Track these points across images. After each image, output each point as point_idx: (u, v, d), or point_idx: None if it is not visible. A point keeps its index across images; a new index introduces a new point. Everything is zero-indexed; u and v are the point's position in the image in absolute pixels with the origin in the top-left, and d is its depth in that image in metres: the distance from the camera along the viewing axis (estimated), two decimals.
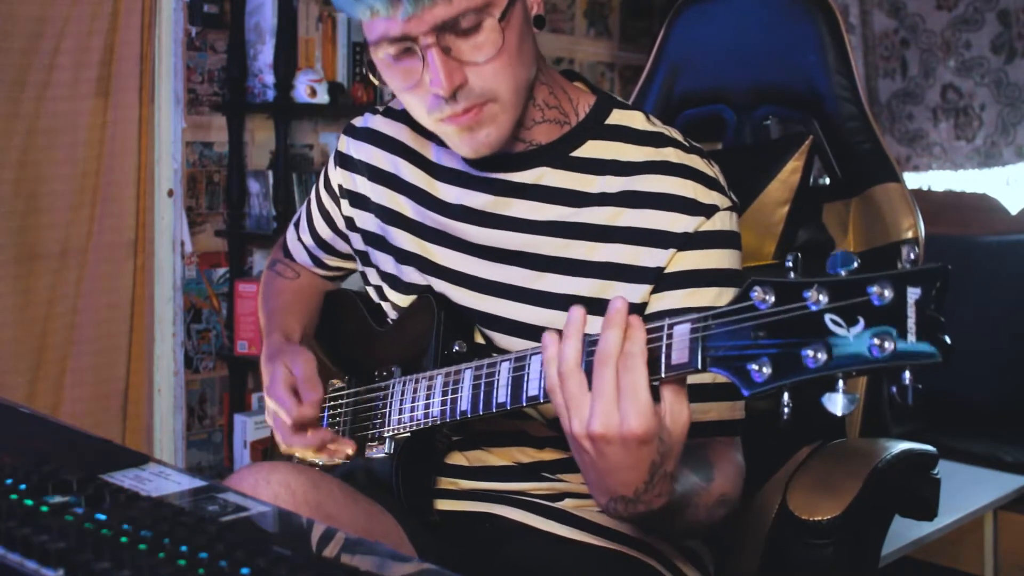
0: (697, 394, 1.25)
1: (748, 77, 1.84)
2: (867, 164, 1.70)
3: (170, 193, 3.17)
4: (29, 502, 0.86)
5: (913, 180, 4.00)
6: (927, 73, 4.00)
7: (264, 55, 3.26)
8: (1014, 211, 3.63)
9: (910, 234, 1.63)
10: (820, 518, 1.39)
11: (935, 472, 1.57)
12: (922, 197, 3.72)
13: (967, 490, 2.72)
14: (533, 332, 1.27)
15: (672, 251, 1.23)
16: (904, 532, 2.40)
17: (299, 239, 1.60)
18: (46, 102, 2.89)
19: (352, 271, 1.61)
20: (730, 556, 1.52)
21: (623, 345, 0.95)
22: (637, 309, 1.25)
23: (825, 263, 0.85)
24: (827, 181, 1.79)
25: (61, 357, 2.97)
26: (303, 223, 1.58)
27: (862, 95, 1.72)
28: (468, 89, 1.17)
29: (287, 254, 1.63)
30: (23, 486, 0.88)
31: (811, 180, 1.75)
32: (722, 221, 1.25)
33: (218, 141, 3.30)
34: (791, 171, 1.69)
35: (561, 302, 1.26)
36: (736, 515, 1.26)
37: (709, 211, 1.24)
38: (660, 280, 1.24)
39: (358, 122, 1.47)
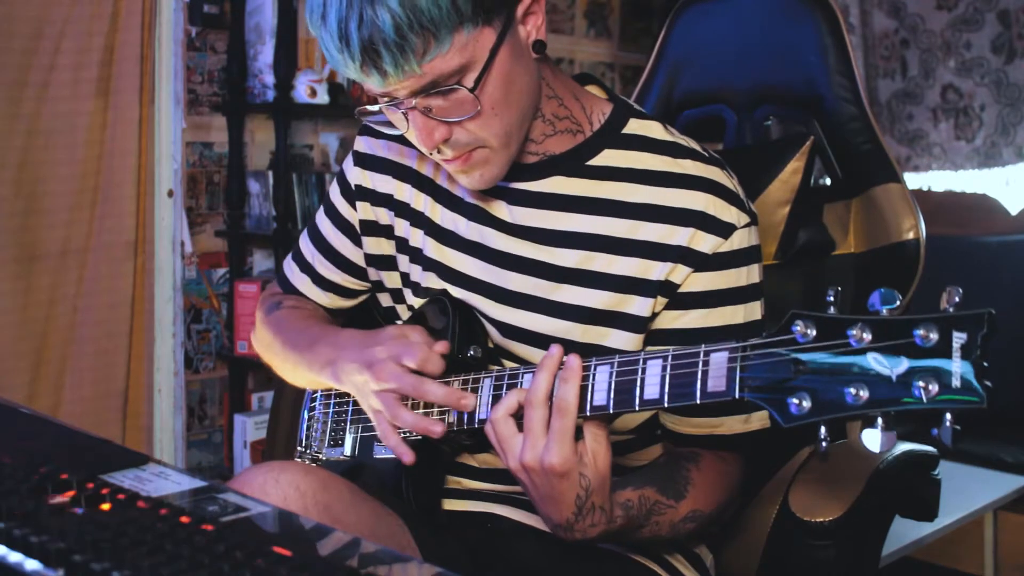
0: (709, 408, 1.25)
1: (748, 77, 1.84)
2: (868, 164, 1.70)
3: (170, 193, 3.17)
4: (29, 502, 0.85)
5: (913, 180, 4.00)
6: (927, 73, 4.00)
7: (264, 55, 3.26)
8: (1014, 211, 3.63)
9: (911, 235, 1.63)
10: (822, 519, 1.39)
11: (936, 473, 1.57)
12: (922, 197, 3.72)
13: (967, 490, 2.72)
14: (545, 340, 1.26)
15: (688, 270, 1.23)
16: (904, 532, 2.39)
17: (305, 266, 1.50)
18: (46, 102, 2.89)
19: (352, 306, 1.53)
20: (730, 557, 1.51)
21: (559, 389, 1.06)
22: (644, 321, 1.25)
23: (866, 301, 0.85)
24: (828, 182, 1.79)
25: (61, 357, 2.97)
26: (307, 246, 1.50)
27: (862, 95, 1.72)
28: (454, 141, 1.17)
29: (289, 288, 1.53)
30: (23, 486, 0.88)
31: (812, 181, 1.75)
32: (740, 239, 1.24)
33: (218, 141, 3.30)
34: (792, 172, 1.68)
35: (578, 314, 1.26)
36: (710, 526, 1.29)
37: (727, 231, 1.23)
38: (677, 298, 1.24)
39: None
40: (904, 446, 1.54)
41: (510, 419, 1.10)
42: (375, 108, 1.19)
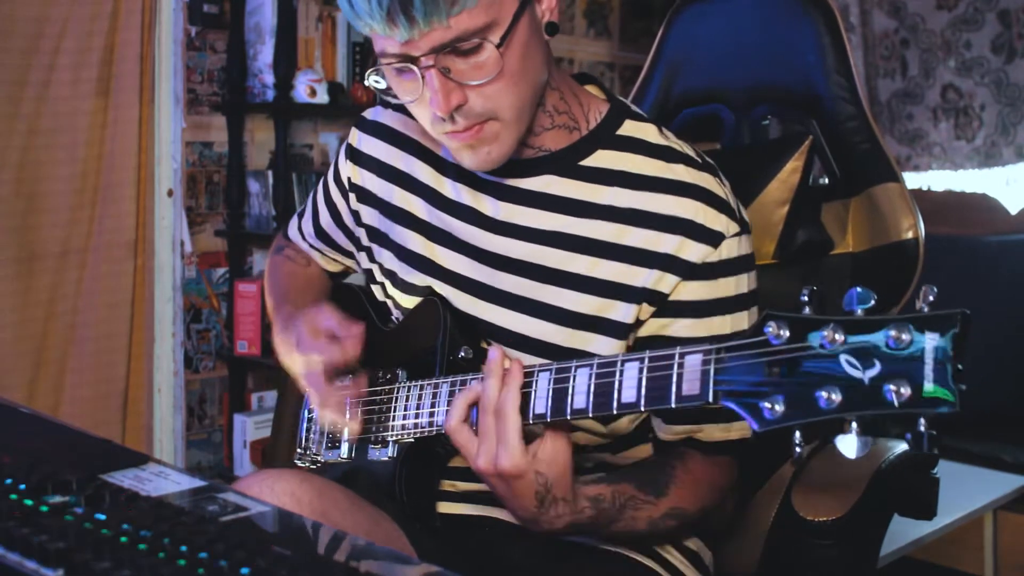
0: (688, 415, 1.26)
1: (746, 77, 1.84)
2: (866, 164, 1.70)
3: (170, 193, 3.17)
4: (29, 502, 0.86)
5: (913, 180, 4.00)
6: (927, 73, 4.00)
7: (264, 55, 3.26)
8: (1014, 211, 3.63)
9: (910, 234, 1.63)
10: (825, 518, 1.39)
11: (934, 472, 1.57)
12: (922, 197, 3.72)
13: (967, 490, 2.72)
14: (529, 343, 1.27)
15: (676, 279, 1.22)
16: (904, 532, 2.39)
17: (300, 228, 1.59)
18: (46, 102, 2.89)
19: (345, 273, 1.61)
20: (729, 555, 1.52)
21: (500, 393, 1.07)
22: (629, 328, 1.25)
23: (842, 299, 0.83)
24: (826, 181, 1.79)
25: (61, 357, 2.97)
26: (307, 213, 1.57)
27: (861, 95, 1.72)
28: (468, 108, 1.15)
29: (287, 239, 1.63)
30: (23, 486, 0.88)
31: (811, 180, 1.75)
32: (729, 249, 1.23)
33: (218, 141, 3.30)
34: (791, 171, 1.68)
35: (560, 316, 1.26)
36: (695, 525, 1.29)
37: (716, 239, 1.22)
38: (665, 306, 1.24)
39: (369, 115, 1.46)
40: (904, 445, 1.54)
41: (464, 425, 1.11)
42: (387, 66, 1.17)
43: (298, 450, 1.46)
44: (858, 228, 1.70)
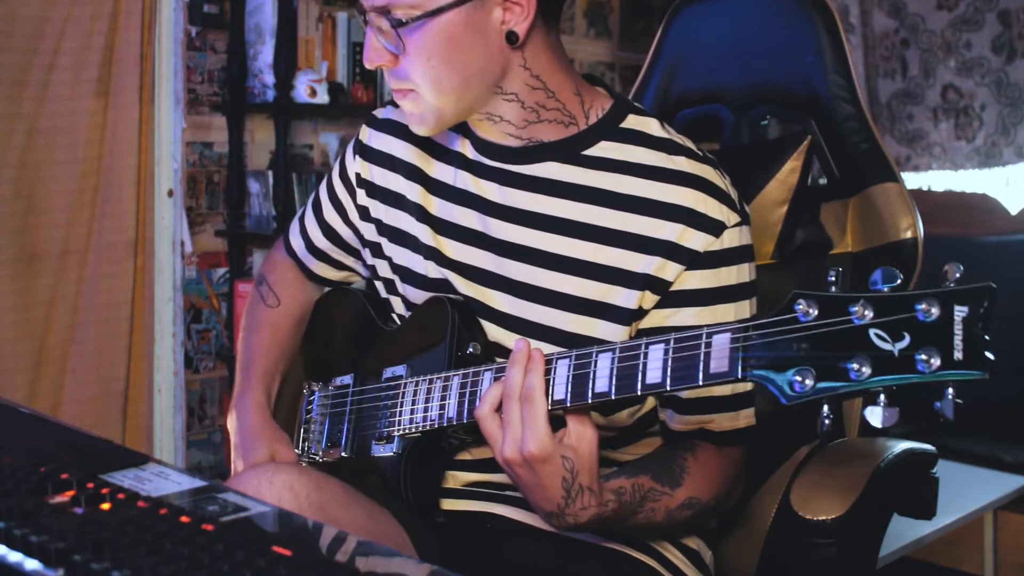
0: (700, 406, 1.26)
1: (745, 77, 1.84)
2: (865, 164, 1.70)
3: (170, 193, 3.17)
4: (29, 502, 0.86)
5: (913, 180, 4.00)
6: (927, 73, 4.00)
7: (264, 55, 3.26)
8: (1014, 211, 3.63)
9: (909, 234, 1.63)
10: (825, 518, 1.40)
11: (934, 471, 1.57)
12: (922, 197, 3.72)
13: (967, 490, 2.72)
14: (536, 329, 1.28)
15: (680, 268, 1.24)
16: (904, 532, 2.39)
17: (303, 229, 1.58)
18: (46, 102, 2.89)
19: (343, 281, 1.61)
20: (729, 554, 1.52)
21: (524, 380, 1.08)
22: (631, 314, 1.25)
23: (867, 279, 0.86)
24: (825, 181, 1.79)
25: (61, 357, 2.97)
26: (309, 212, 1.58)
27: (861, 95, 1.72)
28: (393, 71, 1.26)
29: (288, 247, 1.62)
30: (23, 486, 0.88)
31: (809, 180, 1.75)
32: (730, 238, 1.25)
33: (218, 141, 3.30)
34: (790, 171, 1.69)
35: (565, 301, 1.27)
36: (709, 516, 1.30)
37: (717, 229, 1.24)
38: (669, 296, 1.25)
39: (380, 113, 1.49)
40: (903, 444, 1.55)
41: (495, 415, 1.11)
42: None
43: (296, 450, 1.46)
44: (857, 228, 1.70)
